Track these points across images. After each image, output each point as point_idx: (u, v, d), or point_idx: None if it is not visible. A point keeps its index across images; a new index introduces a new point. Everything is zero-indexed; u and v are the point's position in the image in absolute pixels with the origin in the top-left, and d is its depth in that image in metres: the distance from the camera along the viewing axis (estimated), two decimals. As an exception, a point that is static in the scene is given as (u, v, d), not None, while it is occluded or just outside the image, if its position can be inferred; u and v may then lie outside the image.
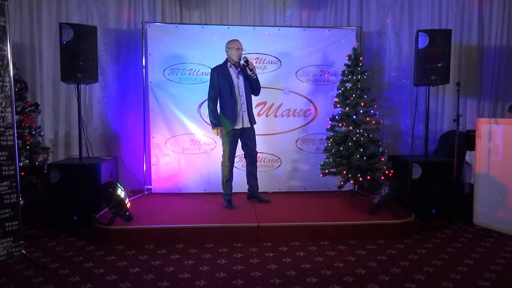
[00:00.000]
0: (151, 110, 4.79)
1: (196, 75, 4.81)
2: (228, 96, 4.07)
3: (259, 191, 4.40)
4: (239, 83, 4.11)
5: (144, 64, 4.80)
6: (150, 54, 4.75)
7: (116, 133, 5.11)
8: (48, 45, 4.89)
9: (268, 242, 3.55)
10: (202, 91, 4.78)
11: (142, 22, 4.79)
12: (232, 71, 4.11)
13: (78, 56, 4.08)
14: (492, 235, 3.81)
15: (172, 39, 4.76)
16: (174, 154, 4.84)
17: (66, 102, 4.99)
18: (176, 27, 4.81)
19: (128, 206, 3.69)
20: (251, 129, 4.23)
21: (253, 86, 4.18)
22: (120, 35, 5.06)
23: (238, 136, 4.17)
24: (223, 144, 4.19)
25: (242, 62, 4.09)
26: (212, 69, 4.17)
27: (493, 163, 3.97)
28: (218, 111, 4.14)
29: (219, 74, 4.08)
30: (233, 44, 4.10)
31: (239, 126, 4.11)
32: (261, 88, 4.30)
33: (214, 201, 4.43)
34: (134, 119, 5.07)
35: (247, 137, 4.21)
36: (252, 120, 4.19)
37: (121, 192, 3.68)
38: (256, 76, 4.13)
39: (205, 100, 4.78)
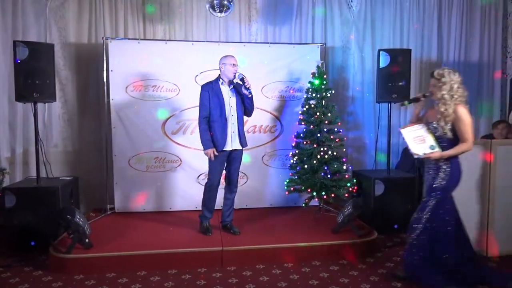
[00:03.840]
0: (113, 128, 4.67)
1: (160, 91, 4.73)
2: (218, 115, 3.77)
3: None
4: (231, 101, 3.83)
5: (105, 80, 4.67)
6: (111, 71, 4.62)
7: (77, 151, 4.95)
8: (3, 61, 4.66)
9: (232, 266, 3.53)
10: (167, 108, 4.75)
11: (103, 38, 4.66)
12: (224, 89, 3.84)
13: (34, 75, 3.91)
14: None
15: (135, 55, 4.65)
16: (137, 173, 4.74)
17: (24, 119, 4.78)
18: (138, 42, 4.71)
19: (88, 232, 3.58)
20: (240, 152, 3.95)
21: (247, 106, 3.89)
22: (81, 49, 4.90)
23: (225, 158, 3.89)
24: (209, 165, 3.89)
25: (237, 79, 3.82)
26: (202, 86, 3.88)
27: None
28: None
29: (210, 92, 3.80)
30: (229, 60, 3.81)
31: (228, 148, 3.84)
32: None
33: (179, 221, 4.37)
34: (96, 137, 4.94)
35: (234, 159, 3.92)
36: (243, 142, 3.91)
37: (80, 219, 3.57)
38: (252, 95, 3.88)
39: (170, 117, 4.77)
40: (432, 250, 3.06)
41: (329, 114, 4.54)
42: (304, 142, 4.63)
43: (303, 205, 4.67)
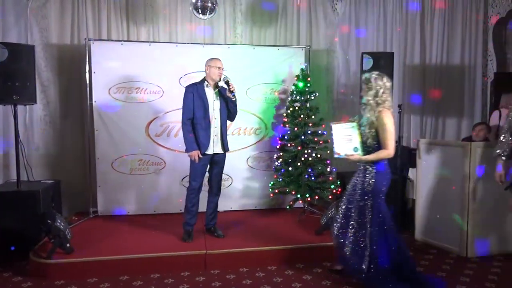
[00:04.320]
0: (96, 131, 4.61)
1: (144, 93, 4.69)
2: (202, 118, 3.73)
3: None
4: (215, 104, 3.80)
5: (88, 82, 4.61)
6: (94, 72, 4.57)
7: (59, 154, 4.88)
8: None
9: (216, 269, 3.52)
10: (150, 110, 4.71)
11: (85, 39, 4.60)
12: (209, 91, 3.79)
13: (13, 77, 3.84)
14: (431, 251, 3.99)
15: (118, 57, 4.61)
16: (121, 175, 4.69)
17: (4, 121, 4.70)
18: (122, 44, 4.67)
19: (69, 237, 3.53)
20: (223, 156, 3.92)
21: (231, 109, 3.85)
22: (63, 51, 4.84)
23: (208, 162, 3.85)
24: (191, 169, 3.84)
25: (222, 82, 3.80)
26: (186, 88, 3.82)
27: (432, 181, 4.15)
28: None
29: (194, 93, 3.75)
30: (214, 63, 3.78)
31: (210, 151, 3.80)
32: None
33: (163, 224, 4.35)
34: (78, 139, 4.89)
35: (216, 163, 3.89)
36: (225, 146, 3.88)
37: (61, 223, 3.52)
38: (236, 99, 3.83)
39: (154, 119, 4.74)
40: (371, 252, 3.06)
41: (313, 117, 4.56)
42: (289, 145, 4.64)
43: (288, 207, 4.69)
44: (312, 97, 4.62)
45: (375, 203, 3.07)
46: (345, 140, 3.10)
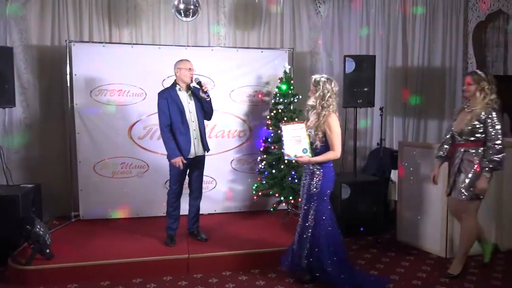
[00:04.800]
0: (77, 133, 4.55)
1: (127, 96, 4.65)
2: (180, 122, 3.69)
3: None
4: (190, 107, 3.76)
5: (69, 84, 4.54)
6: (75, 74, 4.51)
7: (40, 157, 4.79)
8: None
9: (199, 273, 3.51)
10: (133, 113, 4.68)
11: (66, 41, 4.54)
12: (182, 95, 3.75)
13: (-9, 79, 3.79)
14: (412, 252, 4.05)
15: (100, 59, 4.55)
16: (103, 179, 4.64)
17: (-18, 124, 4.62)
18: (103, 46, 4.61)
19: (48, 242, 3.48)
20: (203, 157, 3.90)
21: (206, 110, 3.81)
22: (43, 52, 4.75)
23: (188, 165, 3.80)
24: (170, 173, 3.83)
25: (194, 83, 3.77)
26: (159, 94, 3.75)
27: (412, 183, 4.21)
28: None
29: (168, 99, 3.70)
30: (184, 65, 3.73)
31: (192, 155, 3.76)
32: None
33: (146, 227, 4.32)
34: (59, 142, 4.80)
35: (196, 165, 3.86)
36: (205, 147, 3.86)
37: (40, 228, 3.46)
38: (210, 99, 3.79)
39: (137, 122, 4.70)
40: (310, 252, 3.13)
41: (297, 119, 4.58)
42: (272, 147, 4.64)
43: (271, 209, 4.70)
44: (296, 100, 4.64)
45: (319, 205, 3.12)
46: (295, 141, 3.13)
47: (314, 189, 3.10)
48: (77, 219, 4.62)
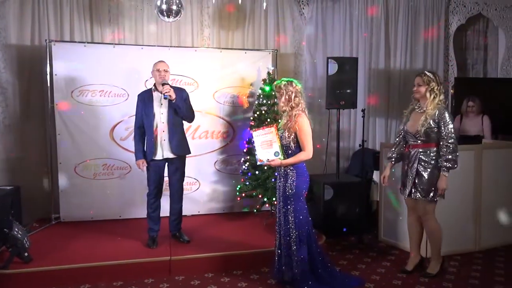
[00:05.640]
0: (58, 134, 4.49)
1: (108, 96, 4.59)
2: (149, 123, 3.74)
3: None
4: (162, 108, 3.77)
5: (49, 85, 4.47)
6: (56, 74, 4.44)
7: (19, 158, 4.69)
8: None
9: (181, 275, 3.49)
10: (115, 113, 4.63)
11: (46, 40, 4.46)
12: (156, 96, 3.77)
13: (-32, 79, 3.70)
14: (394, 252, 4.10)
15: (81, 59, 4.49)
16: (84, 180, 4.58)
17: (-41, 124, 4.51)
18: (85, 46, 4.55)
19: (27, 245, 3.42)
20: (178, 160, 3.86)
21: (179, 114, 3.78)
22: (23, 52, 4.67)
23: (162, 167, 3.84)
24: (146, 175, 3.87)
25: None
26: (138, 95, 3.86)
27: (394, 183, 4.25)
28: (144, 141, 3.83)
29: (144, 100, 3.78)
30: (155, 66, 3.78)
31: (159, 157, 3.77)
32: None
33: (128, 229, 4.28)
34: (39, 143, 4.72)
35: (172, 170, 3.87)
36: (177, 150, 3.80)
37: (18, 231, 3.40)
38: (179, 101, 3.71)
39: (119, 123, 4.67)
40: (293, 255, 3.14)
41: (280, 121, 4.58)
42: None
43: (255, 211, 4.70)
44: (279, 101, 4.64)
45: (296, 206, 3.14)
46: (266, 145, 3.16)
47: (290, 191, 3.12)
48: (57, 221, 4.55)
